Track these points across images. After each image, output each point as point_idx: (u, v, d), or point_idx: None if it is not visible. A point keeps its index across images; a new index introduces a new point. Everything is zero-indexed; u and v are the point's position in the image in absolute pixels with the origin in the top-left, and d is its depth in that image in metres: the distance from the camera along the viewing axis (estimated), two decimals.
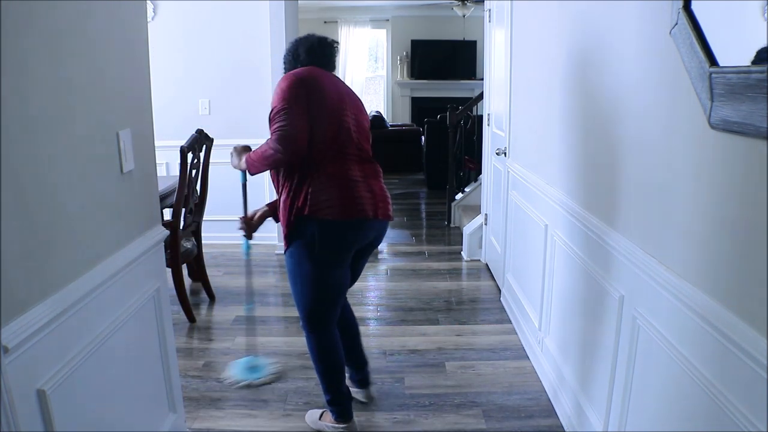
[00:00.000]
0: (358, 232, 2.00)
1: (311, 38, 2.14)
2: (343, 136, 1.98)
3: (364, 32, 9.66)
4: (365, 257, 2.21)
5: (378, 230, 2.09)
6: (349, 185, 1.96)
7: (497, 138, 3.78)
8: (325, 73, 2.07)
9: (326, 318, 2.10)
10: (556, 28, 2.44)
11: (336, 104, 1.99)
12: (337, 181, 1.94)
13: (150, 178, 1.85)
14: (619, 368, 1.71)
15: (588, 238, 1.98)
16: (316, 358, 2.13)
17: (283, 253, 2.13)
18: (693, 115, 1.26)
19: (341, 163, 1.96)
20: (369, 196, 1.98)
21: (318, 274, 2.01)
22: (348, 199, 1.94)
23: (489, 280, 3.87)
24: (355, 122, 2.04)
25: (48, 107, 1.27)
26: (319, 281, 2.02)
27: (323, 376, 2.15)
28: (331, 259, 2.00)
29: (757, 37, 1.04)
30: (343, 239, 1.99)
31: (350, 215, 1.94)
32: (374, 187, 2.03)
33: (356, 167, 1.99)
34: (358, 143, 2.03)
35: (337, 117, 1.98)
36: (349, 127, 2.01)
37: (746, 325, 1.08)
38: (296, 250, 2.00)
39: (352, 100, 2.08)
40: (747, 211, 1.09)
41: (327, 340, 2.12)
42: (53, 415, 1.25)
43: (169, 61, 4.25)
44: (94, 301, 1.45)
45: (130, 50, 1.69)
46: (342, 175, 1.96)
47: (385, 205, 2.05)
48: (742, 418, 1.07)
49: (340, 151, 1.97)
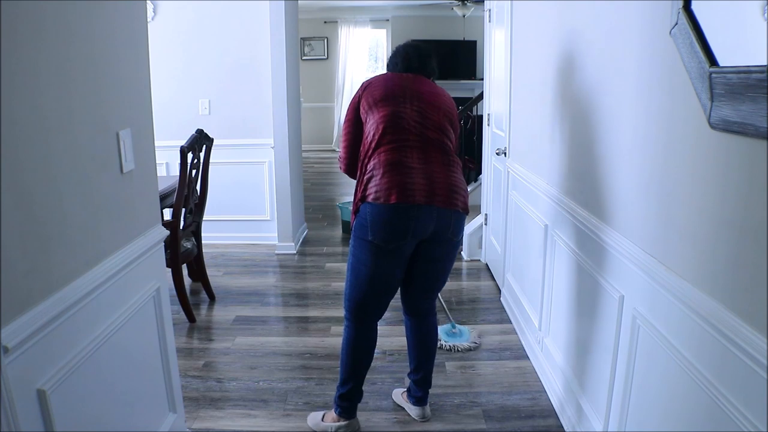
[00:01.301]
0: (407, 218, 1.94)
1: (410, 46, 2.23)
2: (398, 124, 2.00)
3: (364, 32, 9.66)
4: (435, 253, 2.09)
5: (439, 220, 1.99)
6: (401, 170, 1.95)
7: (497, 138, 3.78)
8: (405, 75, 2.15)
9: (365, 310, 2.10)
10: (556, 28, 2.43)
11: (392, 97, 2.04)
12: (388, 167, 1.95)
13: (150, 178, 1.85)
14: (619, 368, 1.71)
15: (588, 238, 1.98)
16: (345, 348, 2.15)
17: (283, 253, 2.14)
18: (693, 115, 1.26)
19: (397, 150, 1.98)
20: (424, 183, 1.95)
21: (368, 261, 2.01)
22: (397, 183, 1.93)
23: (489, 280, 3.87)
24: (418, 113, 2.03)
25: (48, 107, 1.27)
26: (367, 268, 2.02)
27: (343, 368, 2.15)
28: (382, 247, 1.98)
29: (757, 37, 1.04)
30: (390, 225, 1.94)
31: (397, 199, 1.92)
32: (436, 175, 1.98)
33: (415, 155, 1.98)
34: (420, 132, 2.01)
35: (392, 107, 2.02)
36: (406, 116, 2.01)
37: (746, 325, 1.08)
38: (353, 237, 2.05)
39: (423, 96, 2.07)
40: (747, 211, 1.09)
41: (359, 334, 2.12)
42: (53, 415, 1.25)
43: (169, 61, 4.25)
44: (94, 301, 1.45)
45: (130, 50, 1.69)
46: (395, 161, 1.96)
47: (446, 194, 1.98)
48: (742, 418, 1.07)
49: (396, 140, 1.99)
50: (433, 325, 2.27)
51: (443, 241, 2.05)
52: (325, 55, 9.79)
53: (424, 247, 2.05)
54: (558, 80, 2.39)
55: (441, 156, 2.03)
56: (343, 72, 9.70)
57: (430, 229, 1.99)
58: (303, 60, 9.37)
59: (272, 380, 2.59)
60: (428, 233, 2.00)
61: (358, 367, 2.15)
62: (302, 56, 9.42)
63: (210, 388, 2.53)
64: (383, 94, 2.05)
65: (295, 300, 3.57)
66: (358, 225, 2.02)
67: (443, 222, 2.00)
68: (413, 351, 2.28)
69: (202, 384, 2.56)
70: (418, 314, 2.24)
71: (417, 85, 2.11)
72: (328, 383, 2.55)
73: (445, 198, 1.98)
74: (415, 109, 2.03)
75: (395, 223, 1.95)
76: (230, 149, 4.39)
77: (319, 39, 9.72)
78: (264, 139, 4.42)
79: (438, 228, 2.00)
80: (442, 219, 2.00)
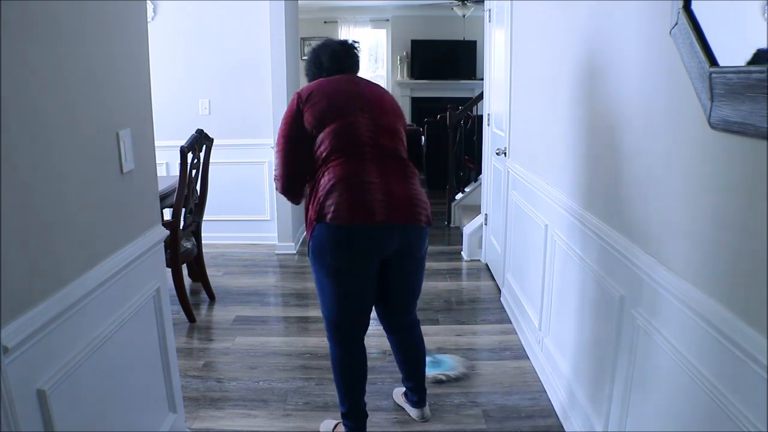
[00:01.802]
0: (369, 238, 1.84)
1: (331, 44, 2.09)
2: (351, 136, 1.88)
3: (364, 32, 9.65)
4: (402, 266, 2.00)
5: (403, 237, 1.90)
6: (360, 187, 1.83)
7: (497, 138, 3.78)
8: (340, 78, 2.02)
9: (345, 330, 2.02)
10: (555, 28, 2.43)
11: (341, 106, 1.92)
12: (345, 184, 1.82)
13: (150, 178, 1.85)
14: (619, 368, 1.71)
15: (588, 238, 1.98)
16: (333, 369, 2.08)
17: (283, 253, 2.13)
18: (693, 115, 1.26)
19: (353, 164, 1.85)
20: (383, 199, 1.83)
21: (333, 284, 1.92)
22: (356, 201, 1.81)
23: (489, 280, 3.87)
24: (371, 121, 1.92)
25: (48, 107, 1.27)
26: (334, 291, 1.93)
27: (338, 389, 2.08)
28: (344, 268, 1.88)
29: (757, 37, 1.04)
30: (352, 246, 1.85)
31: (357, 220, 1.81)
32: (395, 188, 1.86)
33: (373, 168, 1.86)
34: (375, 143, 1.90)
35: (343, 118, 1.89)
36: (359, 127, 1.89)
37: (746, 325, 1.08)
38: (312, 258, 1.93)
39: (370, 101, 1.96)
40: (747, 211, 1.09)
41: (343, 354, 2.05)
42: (53, 415, 1.25)
43: (169, 61, 4.25)
44: (94, 301, 1.45)
45: (130, 50, 1.69)
46: (351, 176, 1.83)
47: (409, 208, 1.87)
48: (742, 418, 1.07)
49: (351, 152, 1.87)
50: (419, 336, 2.21)
51: (407, 255, 1.96)
52: None
53: (390, 263, 1.96)
54: (556, 80, 2.39)
55: (398, 166, 1.93)
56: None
57: (394, 246, 1.90)
58: (303, 60, 9.34)
59: (272, 380, 2.59)
60: (392, 250, 1.91)
61: (351, 387, 2.06)
62: (302, 56, 9.41)
63: (210, 388, 2.53)
64: (329, 104, 1.91)
65: (295, 300, 3.56)
66: (315, 247, 1.88)
67: (406, 238, 1.91)
68: (402, 365, 2.24)
69: (202, 384, 2.56)
70: (400, 330, 2.18)
71: (359, 88, 2.00)
72: (328, 383, 2.55)
73: (407, 213, 1.87)
74: (366, 116, 1.92)
75: (356, 245, 1.85)
76: (230, 149, 4.39)
77: (319, 39, 9.67)
78: (264, 139, 4.41)
79: (401, 245, 1.91)
80: (405, 235, 1.90)
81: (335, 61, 2.06)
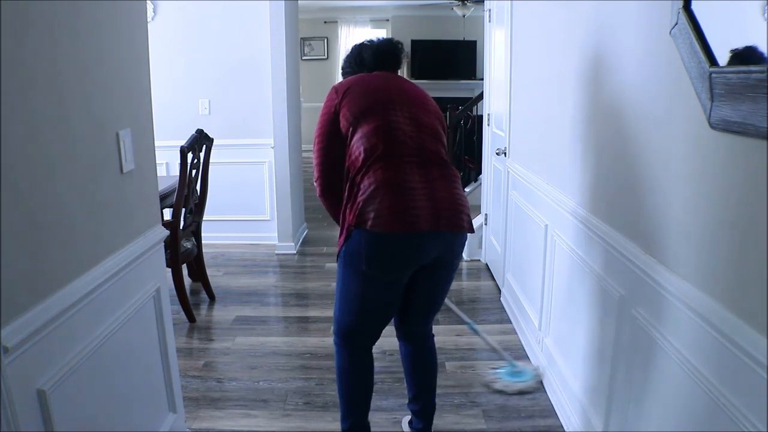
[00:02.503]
0: (411, 248, 1.73)
1: (376, 41, 2.01)
2: (392, 136, 1.76)
3: (364, 32, 9.65)
4: (434, 276, 1.87)
5: (444, 245, 1.78)
6: (403, 193, 1.70)
7: (497, 138, 3.78)
8: (381, 75, 1.93)
9: (359, 339, 1.91)
10: (555, 28, 2.43)
11: (380, 104, 1.80)
12: (387, 189, 1.70)
13: (150, 178, 1.85)
14: (620, 368, 1.71)
15: (588, 237, 1.98)
16: (338, 378, 1.94)
17: (283, 253, 2.11)
18: (693, 115, 1.26)
19: (395, 169, 1.73)
20: (428, 206, 1.70)
21: (361, 291, 1.80)
22: (399, 209, 1.69)
23: (489, 280, 3.87)
24: (411, 120, 1.80)
25: (48, 107, 1.27)
26: (360, 298, 1.81)
27: (341, 400, 1.96)
28: (378, 277, 1.76)
29: (757, 37, 1.04)
30: (392, 256, 1.73)
31: (400, 228, 1.68)
32: (439, 194, 1.74)
33: (415, 172, 1.74)
34: (418, 144, 1.78)
35: (382, 117, 1.77)
36: (399, 126, 1.78)
37: (746, 325, 1.08)
38: (342, 264, 1.81)
39: (408, 99, 1.85)
40: (747, 211, 1.09)
41: (352, 361, 1.92)
42: (53, 415, 1.25)
43: (169, 61, 4.25)
44: (94, 301, 1.45)
45: (130, 50, 1.69)
46: (394, 182, 1.71)
47: (452, 215, 1.75)
48: (742, 418, 1.07)
49: (393, 155, 1.74)
50: (432, 349, 2.06)
51: (445, 264, 1.85)
52: (325, 55, 9.79)
53: (423, 272, 1.83)
54: (556, 80, 2.39)
55: (441, 170, 1.80)
56: None
57: (434, 255, 1.78)
58: (303, 60, 9.37)
59: (272, 380, 2.59)
60: (431, 259, 1.79)
61: (356, 401, 1.93)
62: (302, 56, 9.42)
63: (210, 388, 2.53)
64: (367, 101, 1.80)
65: (295, 300, 3.57)
66: (349, 253, 1.76)
67: (448, 246, 1.80)
68: (412, 379, 2.07)
69: (202, 384, 2.56)
70: (413, 339, 2.03)
71: (400, 86, 1.90)
72: (328, 383, 2.55)
73: (451, 220, 1.75)
74: (407, 116, 1.81)
75: (397, 254, 1.73)
76: (230, 149, 4.39)
77: (319, 39, 9.72)
78: (264, 139, 4.41)
79: (442, 253, 1.80)
80: (447, 243, 1.79)
81: (379, 57, 1.96)
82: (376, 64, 1.97)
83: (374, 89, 1.85)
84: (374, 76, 1.92)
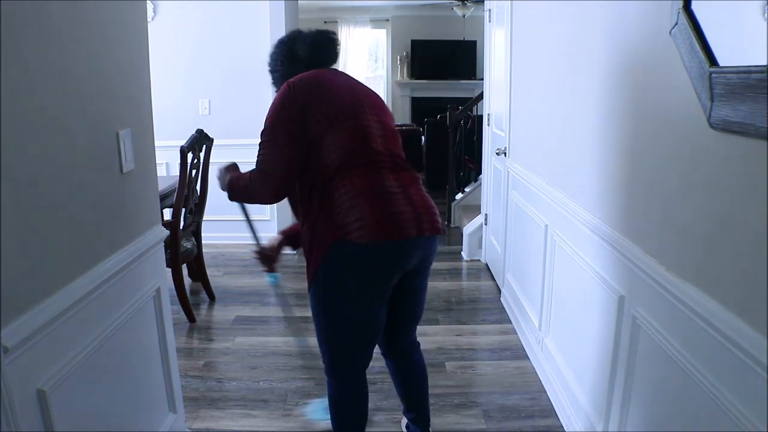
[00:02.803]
0: (399, 255, 1.63)
1: (308, 34, 1.81)
2: (366, 141, 1.67)
3: (364, 32, 9.65)
4: (414, 283, 1.79)
5: (425, 250, 1.70)
6: (385, 199, 1.61)
7: (497, 138, 3.78)
8: (333, 72, 1.78)
9: (353, 363, 1.79)
10: (555, 28, 2.43)
11: (351, 106, 1.69)
12: (368, 195, 1.59)
13: (150, 178, 1.85)
14: (619, 368, 1.71)
15: (588, 237, 1.98)
16: (335, 410, 1.83)
17: (283, 253, 2.10)
18: (693, 115, 1.26)
19: (372, 174, 1.64)
20: (409, 210, 1.62)
21: (348, 312, 1.68)
22: (385, 215, 1.59)
23: (489, 280, 3.87)
24: (379, 124, 1.72)
25: (48, 107, 1.27)
26: (349, 320, 1.69)
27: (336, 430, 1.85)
28: (367, 292, 1.65)
29: (757, 37, 1.04)
30: (380, 266, 1.63)
31: (388, 236, 1.59)
32: (414, 198, 1.66)
33: (391, 176, 1.66)
34: (387, 148, 1.70)
35: (356, 121, 1.67)
36: (372, 131, 1.69)
37: (746, 325, 1.08)
38: (322, 288, 1.67)
39: (370, 99, 1.76)
40: (747, 211, 1.09)
41: (347, 392, 1.81)
42: (53, 415, 1.25)
43: (169, 61, 4.25)
44: (94, 301, 1.45)
45: (130, 50, 1.69)
46: (375, 188, 1.61)
47: (430, 218, 1.67)
48: (742, 418, 1.07)
49: (367, 160, 1.65)
50: (420, 362, 1.99)
51: (423, 270, 1.79)
52: None
53: (406, 279, 1.74)
54: (555, 80, 2.39)
55: (410, 174, 1.73)
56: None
57: (415, 261, 1.70)
58: None
59: (272, 380, 2.59)
60: (412, 266, 1.71)
61: (351, 428, 1.84)
62: None
63: (210, 388, 2.53)
64: (341, 103, 1.68)
65: (295, 300, 3.56)
66: (332, 269, 1.62)
67: (428, 251, 1.72)
68: (404, 394, 2.02)
69: (202, 384, 2.56)
70: (401, 354, 1.95)
71: (361, 86, 1.79)
72: None
73: (430, 223, 1.68)
74: (375, 119, 1.72)
75: (386, 263, 1.63)
76: (230, 149, 4.35)
77: None
78: None
79: (422, 257, 1.72)
80: (427, 248, 1.71)
81: (315, 51, 1.78)
82: (312, 60, 1.77)
83: (345, 89, 1.72)
84: (332, 73, 1.76)
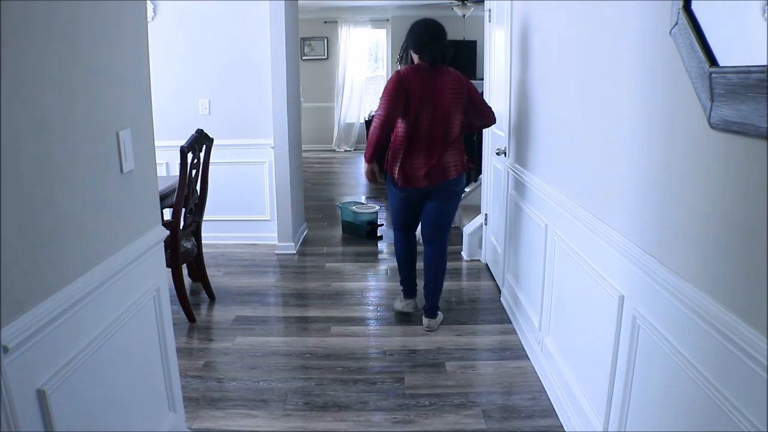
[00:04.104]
0: (409, 193, 3.03)
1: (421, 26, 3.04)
2: (416, 131, 2.86)
3: (364, 32, 9.66)
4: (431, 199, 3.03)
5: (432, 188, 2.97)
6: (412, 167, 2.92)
7: (497, 138, 3.78)
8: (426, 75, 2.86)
9: (396, 225, 3.23)
10: (555, 28, 2.43)
11: (416, 107, 2.82)
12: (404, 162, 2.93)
13: (150, 178, 1.85)
14: (619, 368, 1.71)
15: (588, 237, 1.98)
16: (395, 251, 3.26)
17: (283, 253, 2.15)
18: (693, 115, 1.26)
19: (411, 153, 2.91)
20: (423, 175, 2.91)
21: (390, 200, 3.18)
22: (407, 176, 2.94)
23: (489, 280, 3.87)
24: (431, 121, 2.85)
25: (48, 107, 1.27)
26: (391, 204, 3.21)
27: (397, 262, 3.27)
28: (396, 198, 3.10)
29: (757, 37, 1.04)
30: (399, 193, 3.06)
31: (405, 184, 2.96)
32: (432, 161, 2.89)
33: (422, 156, 2.90)
34: (429, 137, 2.88)
35: (414, 117, 2.84)
36: (422, 125, 2.86)
37: (746, 325, 1.08)
38: (387, 182, 3.10)
39: (434, 102, 2.84)
40: (747, 211, 1.09)
41: (400, 237, 3.21)
42: (53, 415, 1.25)
43: (169, 61, 4.25)
44: (94, 301, 1.45)
45: (130, 50, 1.69)
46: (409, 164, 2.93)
47: (439, 173, 2.92)
48: (742, 418, 1.07)
49: (412, 143, 2.89)
50: (436, 254, 3.09)
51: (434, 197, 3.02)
52: (325, 55, 9.78)
53: (425, 199, 3.05)
54: (555, 80, 2.39)
55: (440, 155, 2.92)
56: (343, 72, 9.70)
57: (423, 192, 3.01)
58: (303, 60, 9.37)
59: (272, 380, 2.59)
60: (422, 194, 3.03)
61: (404, 264, 3.22)
62: (302, 56, 9.42)
63: (210, 388, 2.53)
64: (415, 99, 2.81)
65: (295, 300, 3.57)
66: (388, 181, 3.07)
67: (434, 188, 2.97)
68: (425, 270, 3.12)
69: (202, 384, 2.56)
70: (431, 243, 3.09)
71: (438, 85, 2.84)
72: (328, 383, 2.56)
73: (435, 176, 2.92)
74: (429, 117, 2.85)
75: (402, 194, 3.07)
76: (230, 149, 4.39)
77: (319, 39, 9.72)
78: (264, 139, 4.41)
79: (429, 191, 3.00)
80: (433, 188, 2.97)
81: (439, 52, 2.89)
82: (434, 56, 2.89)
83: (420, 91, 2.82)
84: (426, 71, 2.86)
